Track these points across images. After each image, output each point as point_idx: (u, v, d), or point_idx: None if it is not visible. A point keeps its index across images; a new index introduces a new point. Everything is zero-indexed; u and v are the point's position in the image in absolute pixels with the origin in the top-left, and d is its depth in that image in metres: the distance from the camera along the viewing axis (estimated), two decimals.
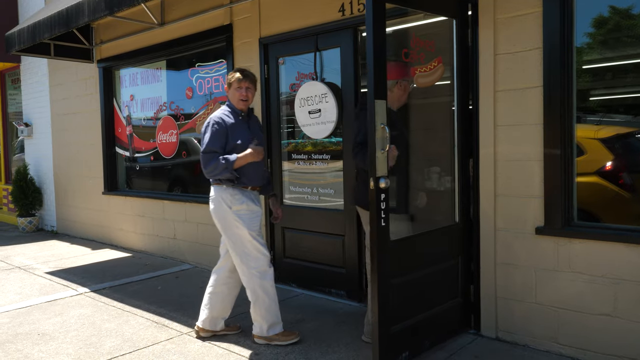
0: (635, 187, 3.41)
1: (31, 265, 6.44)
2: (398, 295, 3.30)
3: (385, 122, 3.08)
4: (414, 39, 3.98)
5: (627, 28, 3.28)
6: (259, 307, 3.69)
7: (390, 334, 3.23)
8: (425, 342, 3.55)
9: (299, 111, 4.89)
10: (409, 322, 3.40)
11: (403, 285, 3.34)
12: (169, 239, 6.54)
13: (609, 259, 3.23)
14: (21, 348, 3.82)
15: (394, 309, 3.25)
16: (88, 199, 7.99)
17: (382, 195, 3.10)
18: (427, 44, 3.95)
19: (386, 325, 3.20)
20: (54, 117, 8.64)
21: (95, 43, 7.49)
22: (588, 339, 3.32)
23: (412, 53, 4.00)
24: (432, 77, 3.95)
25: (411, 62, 4.00)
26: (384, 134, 3.06)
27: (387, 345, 3.22)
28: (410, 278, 3.40)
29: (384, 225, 3.13)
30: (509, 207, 3.63)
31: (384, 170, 3.09)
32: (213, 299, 3.87)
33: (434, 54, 3.95)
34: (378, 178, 3.09)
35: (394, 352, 3.28)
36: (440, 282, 3.68)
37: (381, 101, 3.08)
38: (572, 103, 3.39)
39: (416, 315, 3.46)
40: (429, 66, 3.95)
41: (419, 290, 3.49)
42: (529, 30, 3.47)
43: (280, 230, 5.24)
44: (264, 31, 5.18)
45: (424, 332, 3.54)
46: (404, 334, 3.35)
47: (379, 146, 3.06)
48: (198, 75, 6.16)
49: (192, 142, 6.41)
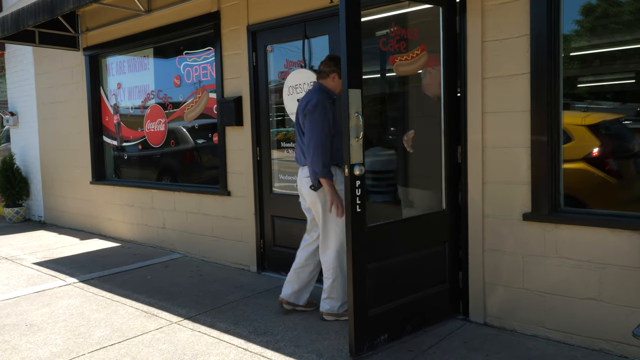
0: (622, 173, 3.45)
1: (18, 255, 6.39)
2: (375, 280, 3.38)
3: (360, 110, 3.13)
4: (392, 27, 3.96)
5: (615, 15, 3.29)
6: (338, 285, 3.85)
7: (367, 317, 3.33)
8: (407, 326, 3.62)
9: (287, 99, 4.87)
10: (388, 306, 3.48)
11: (381, 270, 3.43)
12: (158, 229, 6.51)
13: (594, 244, 3.26)
14: (9, 339, 3.80)
15: (371, 293, 3.34)
16: (76, 189, 7.93)
17: (357, 182, 3.16)
18: (408, 32, 3.93)
19: (362, 308, 3.30)
20: (40, 106, 8.53)
21: (81, 31, 7.38)
22: (574, 323, 3.37)
23: (391, 42, 3.98)
24: (414, 65, 3.94)
25: (390, 50, 3.99)
26: (358, 122, 3.12)
27: (364, 328, 3.32)
28: (388, 263, 3.48)
29: (359, 212, 3.20)
30: (497, 194, 3.65)
31: (358, 158, 3.15)
32: (301, 274, 4.06)
33: (416, 42, 3.94)
34: (353, 165, 3.15)
35: (370, 335, 3.38)
36: (425, 267, 3.73)
37: (355, 90, 3.14)
38: (559, 90, 3.40)
39: (397, 299, 3.54)
40: (411, 54, 3.94)
41: (401, 275, 3.56)
42: (517, 17, 3.47)
43: (270, 219, 5.23)
44: (252, 18, 5.13)
45: (406, 316, 3.61)
46: (382, 317, 3.44)
47: (353, 134, 3.13)
48: (186, 63, 6.10)
49: (181, 131, 6.37)
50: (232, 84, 5.40)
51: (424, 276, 3.74)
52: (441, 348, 3.41)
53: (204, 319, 4.05)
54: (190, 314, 4.17)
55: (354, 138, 3.14)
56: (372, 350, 3.39)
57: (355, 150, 3.17)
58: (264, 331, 3.78)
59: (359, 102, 3.16)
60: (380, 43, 4.01)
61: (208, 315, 4.13)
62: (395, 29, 3.95)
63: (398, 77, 4.23)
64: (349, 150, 3.15)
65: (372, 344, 3.40)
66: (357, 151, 3.18)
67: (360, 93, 3.17)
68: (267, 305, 4.31)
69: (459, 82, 3.77)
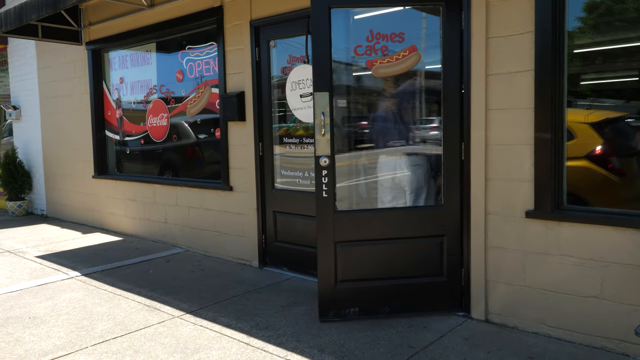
0: (624, 171, 3.44)
1: (21, 249, 6.41)
2: (346, 256, 3.86)
3: (326, 111, 3.70)
4: (371, 34, 3.99)
5: (618, 12, 3.28)
6: None
7: (335, 288, 3.86)
8: (385, 307, 3.90)
9: (290, 95, 4.87)
10: (361, 284, 3.89)
11: (353, 249, 3.87)
12: (160, 223, 6.53)
13: (597, 242, 3.26)
14: (12, 332, 3.82)
15: (341, 267, 3.87)
16: (78, 183, 7.94)
17: (324, 171, 3.77)
18: (392, 36, 3.96)
19: (329, 277, 3.85)
20: (42, 100, 8.53)
21: (84, 25, 7.38)
22: (576, 320, 3.37)
23: (368, 48, 4.02)
24: (399, 66, 3.97)
25: (367, 55, 4.04)
26: (326, 120, 3.71)
27: (332, 299, 3.84)
28: (363, 245, 3.88)
29: (325, 197, 3.80)
30: (500, 191, 3.65)
31: (324, 151, 3.75)
32: None
33: (402, 44, 3.95)
34: (318, 157, 3.77)
35: (337, 303, 3.87)
36: (415, 257, 3.91)
37: (322, 93, 3.73)
38: (563, 87, 3.39)
39: (373, 279, 3.90)
40: (395, 56, 3.95)
41: (381, 258, 3.89)
42: (522, 13, 3.46)
43: (271, 214, 5.24)
44: (254, 13, 5.13)
45: (384, 296, 3.90)
46: (353, 291, 3.89)
47: (318, 131, 3.72)
48: (188, 58, 6.10)
49: (183, 126, 6.37)
50: (235, 79, 5.40)
51: (413, 265, 3.91)
52: (442, 344, 3.42)
53: (206, 314, 4.06)
54: (192, 308, 4.18)
55: (319, 134, 3.72)
56: (339, 318, 3.87)
57: (321, 144, 3.74)
58: (265, 326, 3.79)
59: (326, 103, 3.71)
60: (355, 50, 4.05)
61: (210, 310, 4.14)
62: (375, 34, 3.98)
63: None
64: (316, 144, 3.74)
65: (340, 312, 3.88)
66: (324, 144, 3.75)
67: (327, 95, 3.71)
68: (269, 300, 4.33)
69: (462, 78, 3.77)
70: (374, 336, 3.57)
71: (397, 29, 3.99)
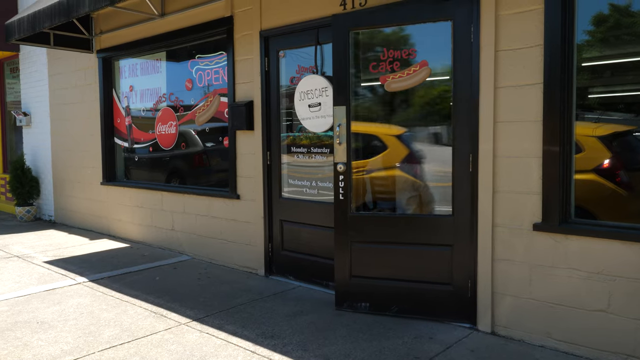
0: (632, 185, 3.44)
1: (29, 254, 6.45)
2: (359, 256, 4.23)
3: (344, 122, 4.15)
4: (384, 52, 4.18)
5: (627, 26, 3.29)
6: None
7: (349, 281, 4.28)
8: (393, 306, 4.13)
9: (298, 104, 4.90)
10: (372, 281, 4.19)
11: (366, 250, 4.21)
12: (167, 230, 6.55)
13: (605, 256, 3.26)
14: (20, 336, 3.84)
15: (355, 264, 4.24)
16: (86, 189, 7.99)
17: (341, 176, 4.21)
18: (404, 52, 4.10)
19: (344, 271, 4.28)
20: (52, 107, 8.62)
21: (95, 33, 7.47)
22: (583, 334, 3.36)
23: (382, 64, 4.18)
24: (410, 80, 4.07)
25: (381, 72, 4.20)
26: (342, 131, 4.16)
27: (346, 291, 4.28)
28: (375, 247, 4.18)
29: (342, 199, 4.23)
30: (507, 203, 3.65)
31: (341, 158, 4.20)
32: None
33: (413, 60, 4.05)
34: (336, 163, 4.22)
35: (351, 296, 4.28)
36: (425, 264, 4.04)
37: (340, 107, 4.19)
38: (572, 100, 3.41)
39: (383, 279, 4.17)
40: (406, 72, 4.05)
41: (391, 261, 4.13)
42: (531, 27, 3.48)
43: (278, 223, 5.26)
44: (264, 24, 5.18)
45: (393, 297, 4.14)
46: (365, 287, 4.22)
47: (336, 140, 4.19)
48: (198, 67, 6.16)
49: (191, 134, 6.42)
50: (244, 89, 5.44)
51: (422, 271, 4.05)
52: (448, 356, 3.41)
53: (212, 321, 4.08)
54: (199, 316, 4.19)
55: (337, 143, 4.19)
56: (352, 309, 4.26)
57: (339, 152, 4.20)
58: (271, 334, 3.80)
59: (343, 115, 4.17)
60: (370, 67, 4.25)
61: (216, 318, 4.15)
62: (388, 52, 4.16)
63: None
64: (335, 152, 4.22)
65: (353, 305, 4.26)
66: (341, 152, 4.20)
67: (344, 109, 4.16)
68: (275, 309, 4.33)
69: (471, 91, 3.79)
70: (379, 346, 3.57)
71: (408, 45, 4.11)
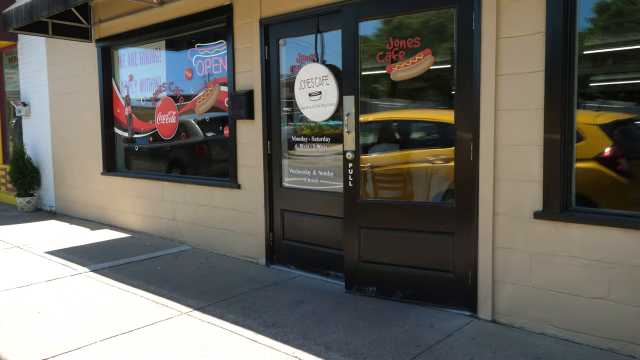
0: (633, 173, 3.43)
1: (30, 244, 6.46)
2: (367, 241, 4.35)
3: (352, 111, 4.25)
4: (390, 42, 4.17)
5: (629, 13, 3.27)
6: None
7: (358, 266, 4.42)
8: (398, 291, 4.23)
9: (299, 93, 4.88)
10: (378, 266, 4.31)
11: (373, 235, 4.32)
12: (168, 220, 6.56)
13: (605, 243, 3.26)
14: (22, 326, 3.86)
15: (363, 249, 4.37)
16: (87, 180, 7.99)
17: (350, 164, 4.33)
18: (408, 41, 4.09)
19: (353, 256, 4.43)
20: (52, 97, 8.59)
21: (94, 22, 7.42)
22: (583, 322, 3.37)
23: (388, 54, 4.19)
24: (415, 69, 4.08)
25: (387, 62, 4.20)
26: (351, 120, 4.27)
27: (355, 275, 4.43)
28: (381, 232, 4.28)
29: (351, 186, 4.37)
30: (508, 192, 3.65)
31: (350, 146, 4.32)
32: None
33: (417, 49, 4.03)
34: (345, 151, 4.33)
35: (359, 279, 4.42)
36: (427, 251, 4.09)
37: (349, 96, 4.30)
38: (573, 88, 3.39)
39: (388, 264, 4.27)
40: (411, 60, 4.05)
41: (396, 248, 4.22)
42: (532, 14, 3.46)
43: (279, 213, 5.26)
44: (264, 12, 5.14)
45: (398, 282, 4.22)
46: (371, 272, 4.35)
47: (345, 129, 4.31)
48: (198, 56, 6.13)
49: (192, 124, 6.40)
50: (244, 78, 5.42)
51: (425, 258, 4.10)
52: (449, 343, 3.42)
53: (214, 310, 4.09)
54: (200, 305, 4.21)
55: (346, 131, 4.29)
56: (360, 293, 4.40)
57: (348, 140, 4.32)
58: (272, 323, 3.81)
59: (352, 105, 4.28)
60: (377, 57, 4.26)
61: (217, 307, 4.17)
62: (394, 42, 4.16)
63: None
64: (344, 140, 4.34)
65: (361, 288, 4.40)
66: (350, 140, 4.31)
67: (353, 99, 4.27)
68: (276, 298, 4.35)
69: (473, 78, 3.77)
70: (380, 334, 3.58)
71: (412, 34, 4.10)
